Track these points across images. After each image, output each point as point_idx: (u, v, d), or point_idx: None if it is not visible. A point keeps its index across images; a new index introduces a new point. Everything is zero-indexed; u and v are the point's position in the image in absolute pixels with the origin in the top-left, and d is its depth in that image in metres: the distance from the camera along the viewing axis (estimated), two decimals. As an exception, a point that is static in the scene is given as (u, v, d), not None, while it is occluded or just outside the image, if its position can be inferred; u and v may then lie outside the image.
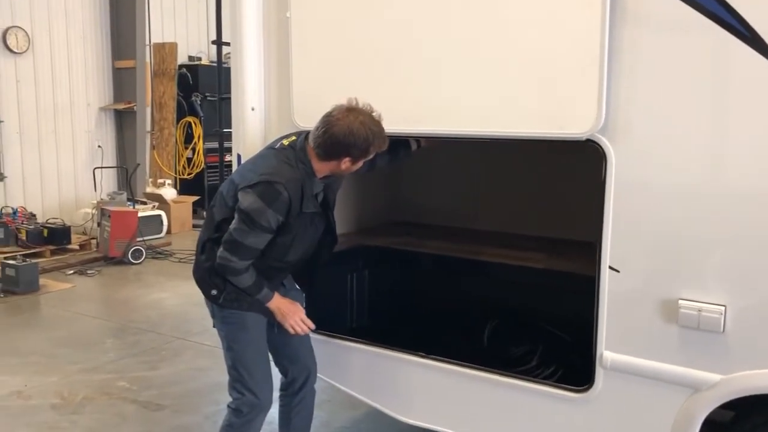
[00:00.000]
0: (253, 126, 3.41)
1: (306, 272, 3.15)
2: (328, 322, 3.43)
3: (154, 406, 4.44)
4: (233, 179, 2.87)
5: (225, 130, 3.79)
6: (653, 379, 2.57)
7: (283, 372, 3.21)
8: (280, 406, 3.25)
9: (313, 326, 3.04)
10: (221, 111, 10.74)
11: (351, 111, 2.72)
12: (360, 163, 2.83)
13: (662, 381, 2.56)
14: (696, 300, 2.44)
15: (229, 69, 3.55)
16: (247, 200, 2.69)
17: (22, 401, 4.51)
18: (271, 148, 2.92)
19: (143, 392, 4.65)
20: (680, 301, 2.46)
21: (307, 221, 2.83)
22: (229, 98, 3.57)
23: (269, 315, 2.96)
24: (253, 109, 3.39)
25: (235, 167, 3.55)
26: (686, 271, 2.47)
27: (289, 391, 3.21)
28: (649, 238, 2.52)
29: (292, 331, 2.96)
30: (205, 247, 2.91)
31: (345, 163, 2.77)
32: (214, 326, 3.02)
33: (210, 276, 2.89)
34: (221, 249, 2.76)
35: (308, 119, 3.24)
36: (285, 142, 2.88)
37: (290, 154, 2.79)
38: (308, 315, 3.05)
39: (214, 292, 2.89)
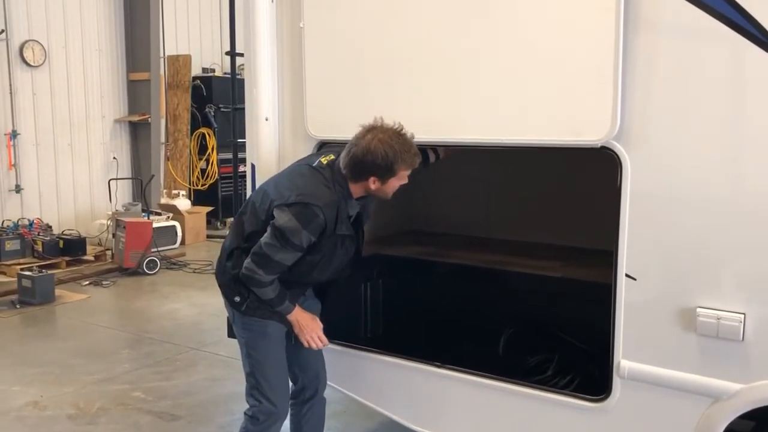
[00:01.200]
0: (267, 136, 3.42)
1: (324, 284, 3.16)
2: (343, 331, 3.42)
3: (169, 417, 4.44)
4: (268, 192, 2.84)
5: (239, 140, 3.80)
6: (671, 389, 2.54)
7: (294, 380, 3.21)
8: (291, 414, 3.25)
9: (327, 343, 3.05)
10: (235, 121, 10.88)
11: (371, 130, 2.72)
12: (393, 183, 2.78)
13: (681, 390, 2.53)
14: (715, 308, 2.41)
15: (242, 80, 3.57)
16: (282, 218, 2.69)
17: (39, 411, 4.53)
18: (309, 165, 2.88)
19: (158, 402, 4.66)
20: (698, 309, 2.44)
21: (338, 242, 2.83)
22: (243, 108, 3.60)
23: (288, 325, 2.97)
24: (267, 119, 3.40)
25: (249, 177, 3.56)
26: (704, 278, 2.44)
27: (299, 399, 3.22)
28: (666, 246, 2.50)
29: (307, 345, 2.98)
30: (233, 255, 2.91)
31: (374, 183, 2.75)
32: (229, 335, 3.03)
33: (235, 283, 2.89)
34: (249, 260, 2.77)
35: (322, 129, 3.27)
36: (323, 160, 2.85)
37: (328, 174, 2.78)
38: (323, 323, 3.05)
39: (237, 299, 2.90)
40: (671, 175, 2.47)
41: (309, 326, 2.96)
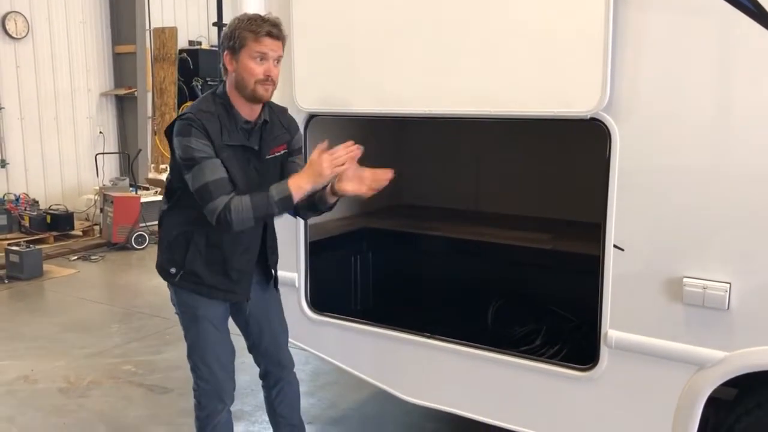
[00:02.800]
0: (256, 108, 3.39)
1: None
2: (332, 304, 3.44)
3: (160, 390, 4.47)
4: None
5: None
6: (658, 357, 2.58)
7: (257, 363, 3.12)
8: (264, 396, 3.19)
9: (351, 152, 2.57)
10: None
11: None
12: (245, 60, 2.57)
13: (667, 359, 2.56)
14: (701, 278, 2.44)
15: (230, 52, 3.52)
16: (176, 145, 2.61)
17: (29, 385, 4.54)
18: None
19: (149, 376, 4.68)
20: (685, 279, 2.46)
21: (238, 156, 2.65)
22: (231, 81, 3.56)
23: (224, 301, 2.80)
24: (255, 92, 3.36)
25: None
26: (691, 249, 2.46)
27: (265, 383, 3.13)
28: (654, 217, 2.52)
29: (341, 168, 2.54)
30: (164, 221, 2.82)
31: (230, 64, 2.61)
32: (175, 313, 2.92)
33: (169, 253, 2.77)
34: (205, 210, 2.56)
35: (311, 101, 3.25)
36: None
37: (209, 92, 2.74)
38: (312, 297, 3.05)
39: (173, 270, 2.76)
40: (660, 147, 2.48)
41: (318, 163, 2.52)
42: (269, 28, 2.59)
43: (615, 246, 2.60)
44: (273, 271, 3.01)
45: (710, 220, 2.42)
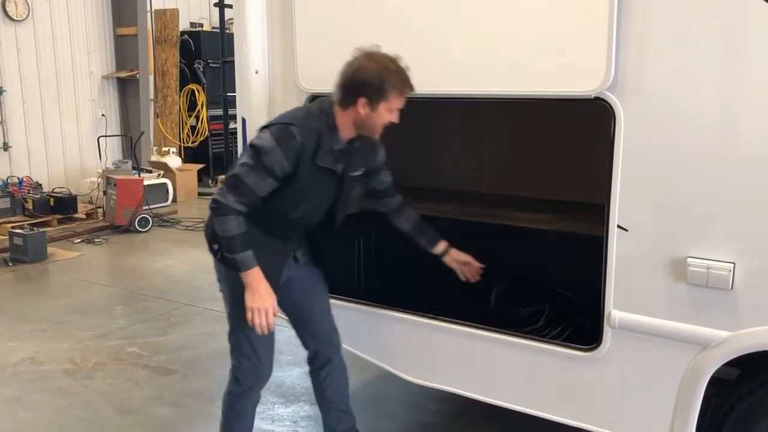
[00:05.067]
0: (258, 89, 3.38)
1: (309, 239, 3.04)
2: (336, 284, 3.44)
3: (165, 371, 4.49)
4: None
5: (229, 94, 3.75)
6: (661, 337, 2.58)
7: (305, 345, 3.13)
8: (312, 380, 3.20)
9: (272, 327, 2.72)
10: (225, 75, 10.72)
11: (367, 53, 2.63)
12: (382, 111, 2.61)
13: (670, 339, 2.56)
14: (705, 258, 2.44)
15: (231, 35, 3.50)
16: (260, 138, 2.62)
17: (35, 367, 4.57)
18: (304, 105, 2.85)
19: (154, 357, 4.70)
20: (689, 259, 2.46)
21: (319, 179, 2.70)
22: (232, 62, 3.54)
23: (241, 288, 2.70)
24: (257, 72, 3.36)
25: (240, 132, 3.53)
26: (695, 229, 2.45)
27: (314, 366, 3.14)
28: (659, 197, 2.51)
29: (249, 322, 2.66)
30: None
31: (363, 108, 2.60)
32: (220, 290, 2.97)
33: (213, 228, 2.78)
34: (220, 187, 2.65)
35: (313, 81, 3.23)
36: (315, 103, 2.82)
37: (314, 106, 2.74)
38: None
39: (216, 246, 2.79)
40: (665, 127, 2.46)
41: (261, 299, 2.63)
42: (413, 85, 2.62)
43: (619, 226, 2.59)
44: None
45: (715, 200, 2.40)
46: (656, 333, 2.59)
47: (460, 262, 3.17)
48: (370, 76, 2.57)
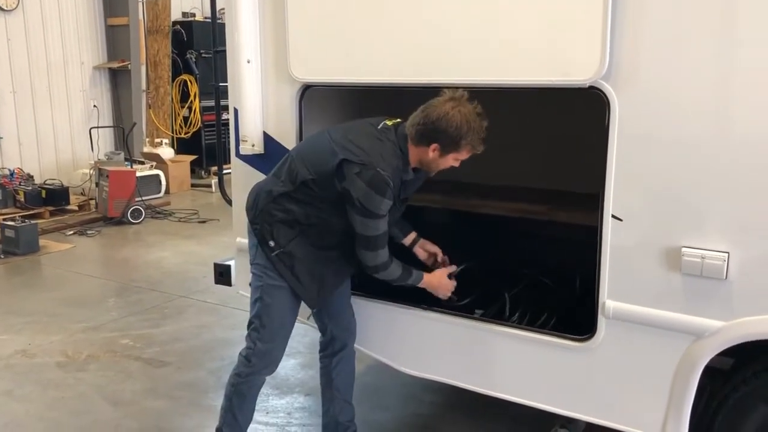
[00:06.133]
0: (249, 79, 3.34)
1: None
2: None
3: (158, 363, 4.48)
4: (333, 146, 2.73)
5: (221, 84, 3.71)
6: (655, 327, 2.58)
7: (323, 330, 3.18)
8: (321, 367, 3.24)
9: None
10: (216, 65, 10.59)
11: (453, 99, 2.65)
12: (450, 159, 2.72)
13: (664, 329, 2.56)
14: (699, 247, 2.43)
15: (224, 24, 3.46)
16: (357, 190, 2.64)
17: (28, 359, 4.55)
18: (373, 125, 2.81)
19: (147, 349, 4.68)
20: (684, 249, 2.45)
21: (394, 205, 2.79)
22: (224, 51, 3.50)
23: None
24: (249, 62, 3.32)
25: (232, 122, 3.50)
26: (690, 218, 2.45)
27: (328, 351, 3.19)
28: (653, 187, 2.50)
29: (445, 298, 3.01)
30: (280, 200, 2.84)
31: (434, 152, 2.69)
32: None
33: (275, 228, 2.85)
34: (361, 253, 2.78)
35: (305, 71, 3.20)
36: (389, 122, 2.81)
37: (392, 137, 2.75)
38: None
39: (272, 243, 2.85)
40: (659, 116, 2.45)
41: (442, 286, 3.00)
42: (483, 146, 2.71)
43: (613, 216, 2.58)
44: None
45: (709, 190, 2.40)
46: (650, 323, 2.58)
47: (429, 252, 3.23)
48: (451, 128, 2.62)
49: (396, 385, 4.06)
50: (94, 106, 10.27)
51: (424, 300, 3.14)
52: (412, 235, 3.25)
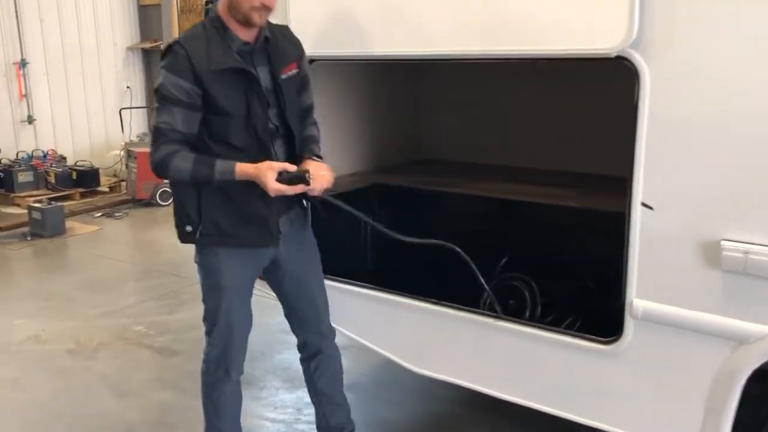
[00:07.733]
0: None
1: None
2: (340, 267, 3.19)
3: (169, 352, 4.33)
4: None
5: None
6: (690, 330, 2.27)
7: (294, 332, 2.95)
8: (303, 370, 3.02)
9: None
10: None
11: None
12: None
13: (701, 333, 2.25)
14: (742, 241, 2.10)
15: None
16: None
17: (39, 346, 4.46)
18: None
19: (159, 337, 4.55)
20: (723, 243, 2.13)
21: (230, 82, 2.43)
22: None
23: (255, 268, 2.68)
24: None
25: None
26: (731, 208, 2.12)
27: (304, 354, 2.96)
28: (689, 171, 2.17)
29: (273, 194, 2.41)
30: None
31: None
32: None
33: (182, 208, 2.55)
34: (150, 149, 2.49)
35: (309, 44, 2.95)
36: None
37: (199, 22, 2.55)
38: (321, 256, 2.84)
39: (189, 228, 2.55)
40: (698, 91, 2.12)
41: (262, 170, 2.39)
42: None
43: (643, 204, 2.27)
44: (306, 204, 2.77)
45: (753, 176, 2.06)
46: (685, 326, 2.28)
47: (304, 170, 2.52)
48: None
49: (411, 381, 3.81)
50: (128, 87, 10.23)
51: (440, 293, 2.89)
52: (306, 156, 2.65)
